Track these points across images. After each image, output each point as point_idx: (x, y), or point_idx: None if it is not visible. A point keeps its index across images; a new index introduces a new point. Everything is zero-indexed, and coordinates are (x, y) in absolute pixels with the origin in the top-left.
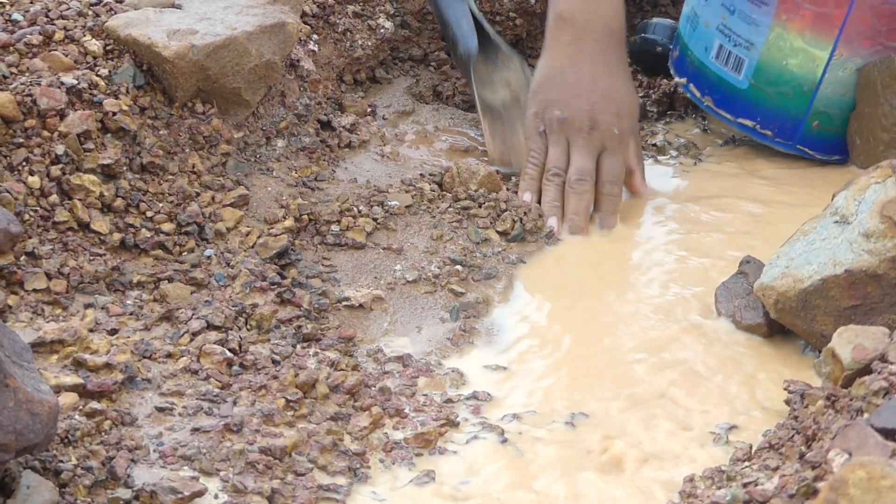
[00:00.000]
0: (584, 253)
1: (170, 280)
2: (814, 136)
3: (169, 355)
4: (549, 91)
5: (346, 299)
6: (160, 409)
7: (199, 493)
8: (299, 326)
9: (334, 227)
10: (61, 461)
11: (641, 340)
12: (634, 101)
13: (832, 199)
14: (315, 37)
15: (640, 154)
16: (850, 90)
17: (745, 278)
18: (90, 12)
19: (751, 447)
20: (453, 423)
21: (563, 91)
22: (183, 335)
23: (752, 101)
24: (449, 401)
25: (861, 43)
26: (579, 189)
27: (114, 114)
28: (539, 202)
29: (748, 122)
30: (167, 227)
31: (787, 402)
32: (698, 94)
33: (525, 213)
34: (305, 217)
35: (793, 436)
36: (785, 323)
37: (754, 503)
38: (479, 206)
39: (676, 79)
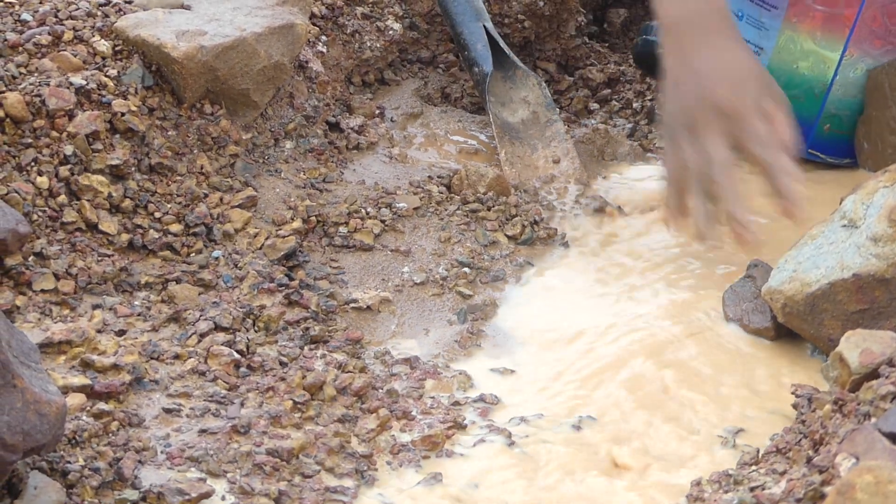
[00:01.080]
0: (591, 256)
1: (178, 281)
2: (825, 140)
3: (177, 356)
4: (697, 84)
5: (354, 301)
6: (168, 411)
7: (207, 495)
8: (307, 328)
9: (342, 229)
10: (69, 462)
11: (648, 344)
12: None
13: (840, 203)
14: (324, 38)
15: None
16: (860, 92)
17: (752, 282)
18: (99, 13)
19: (758, 451)
20: (461, 426)
21: (713, 81)
22: (191, 336)
23: None
24: (456, 403)
25: (872, 43)
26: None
27: (122, 114)
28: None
29: None
30: (175, 228)
31: (795, 405)
32: None
33: (537, 221)
34: (313, 219)
35: (800, 440)
36: (792, 327)
37: None
38: (488, 210)
39: None
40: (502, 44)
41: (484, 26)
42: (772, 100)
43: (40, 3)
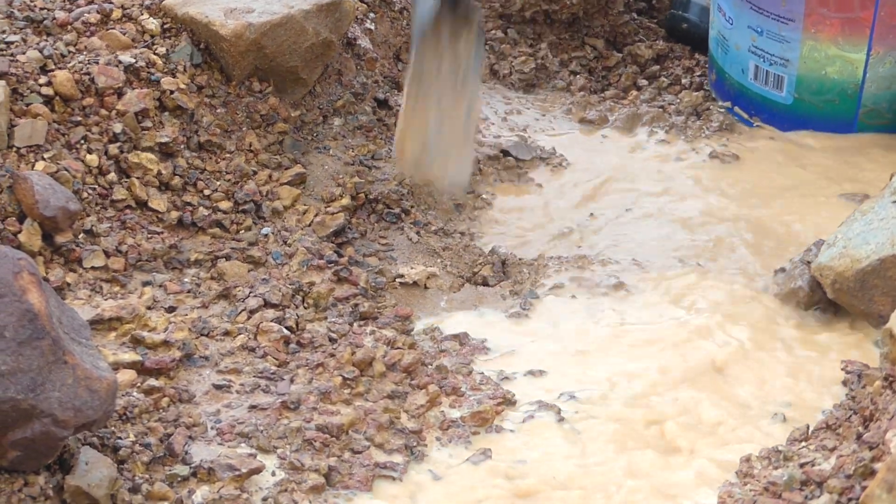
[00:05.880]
0: (646, 232)
1: (227, 258)
2: (867, 133)
3: (226, 333)
4: None
5: (401, 276)
6: (218, 387)
7: (257, 471)
8: (356, 304)
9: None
10: (119, 438)
11: (699, 320)
12: None
13: (890, 179)
14: (372, 15)
15: None
16: (894, 82)
17: (806, 257)
18: None
19: (808, 427)
20: (510, 402)
21: None
22: (240, 313)
23: (800, 114)
24: (506, 379)
25: (895, 36)
26: None
27: (171, 92)
28: None
29: (803, 133)
30: (224, 205)
31: (845, 382)
32: (745, 116)
33: None
34: (362, 195)
35: (850, 416)
36: (842, 303)
37: (811, 483)
38: None
39: (720, 102)
40: None
41: None
42: None
43: None
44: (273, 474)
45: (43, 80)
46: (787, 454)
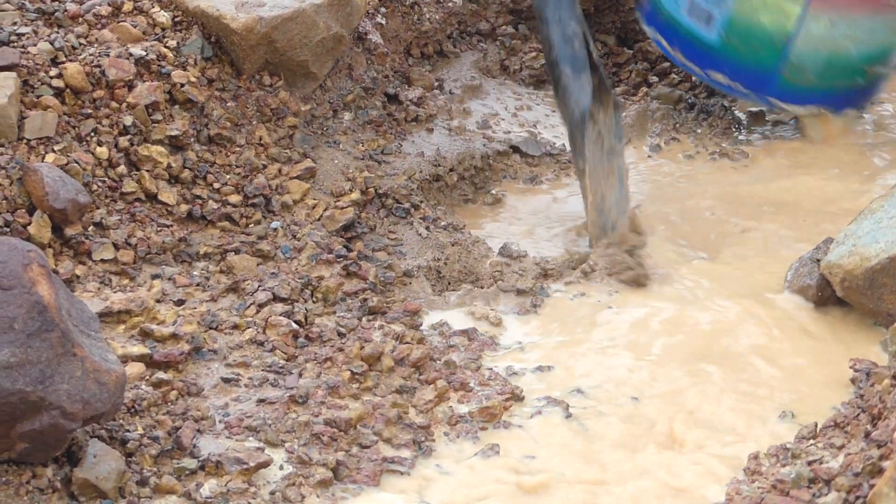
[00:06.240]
0: (658, 226)
1: (236, 251)
2: (786, 89)
3: (235, 326)
4: None
5: (412, 272)
6: (226, 380)
7: (265, 464)
8: (365, 299)
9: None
10: (128, 430)
11: (707, 317)
12: None
13: None
14: (383, 10)
15: None
16: (824, 46)
17: (816, 254)
18: None
19: (816, 425)
20: (518, 398)
21: None
22: (249, 307)
23: (722, 56)
24: (514, 374)
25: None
26: None
27: (182, 85)
28: None
29: (719, 76)
30: (234, 198)
31: (853, 380)
32: (668, 47)
33: None
34: (372, 190)
35: (858, 414)
36: (851, 301)
37: (819, 481)
38: None
39: (646, 30)
40: (596, 57)
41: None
42: None
43: None
44: (281, 468)
45: (54, 72)
46: (795, 452)
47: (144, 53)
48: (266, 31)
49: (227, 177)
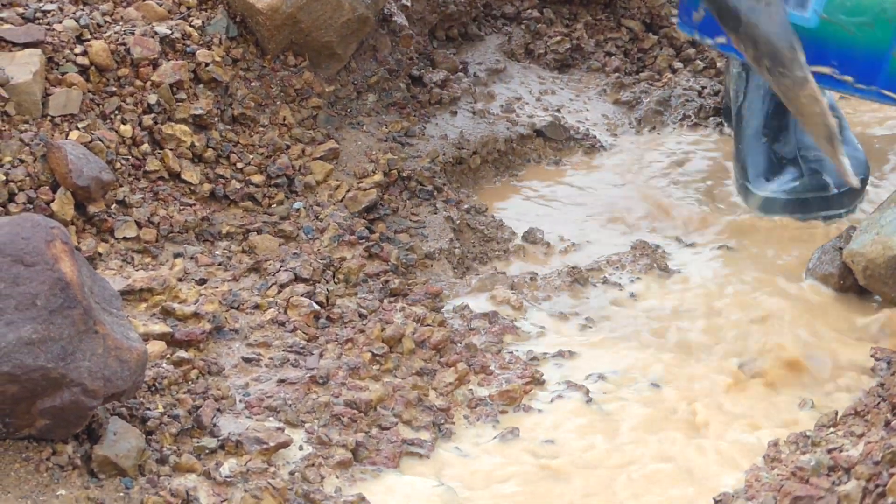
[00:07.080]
0: (681, 211)
1: (259, 231)
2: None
3: (257, 306)
4: None
5: (433, 255)
6: (247, 360)
7: (285, 444)
8: (386, 281)
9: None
10: (148, 409)
11: (728, 303)
12: None
13: None
14: None
15: None
16: None
17: (839, 242)
18: None
19: (836, 413)
20: (538, 381)
21: None
22: (271, 287)
23: (824, 42)
24: (535, 359)
25: None
26: None
27: (206, 64)
28: None
29: (824, 70)
30: (257, 178)
31: (874, 368)
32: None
33: None
34: (395, 172)
35: (879, 403)
36: (874, 290)
37: (839, 469)
38: None
39: (707, 42)
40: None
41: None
42: None
43: None
44: (300, 448)
45: (79, 49)
46: (814, 440)
47: (169, 32)
48: (291, 11)
49: (251, 157)
